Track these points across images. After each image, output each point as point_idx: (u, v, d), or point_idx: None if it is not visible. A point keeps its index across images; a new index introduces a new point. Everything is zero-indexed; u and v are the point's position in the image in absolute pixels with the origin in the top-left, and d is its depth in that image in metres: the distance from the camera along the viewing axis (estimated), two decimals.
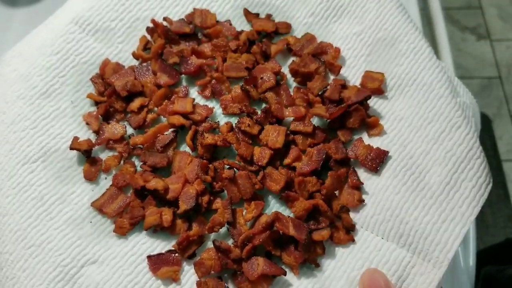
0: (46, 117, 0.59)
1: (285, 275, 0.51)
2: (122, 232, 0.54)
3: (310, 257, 0.53)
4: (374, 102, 0.63)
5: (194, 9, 0.67)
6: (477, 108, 0.72)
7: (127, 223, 0.54)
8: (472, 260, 0.74)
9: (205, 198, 0.55)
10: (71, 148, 0.57)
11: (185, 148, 0.59)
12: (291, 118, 0.61)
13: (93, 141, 0.59)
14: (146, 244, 0.54)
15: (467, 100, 0.67)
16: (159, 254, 0.53)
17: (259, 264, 0.52)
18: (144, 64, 0.63)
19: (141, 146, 0.59)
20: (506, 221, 1.59)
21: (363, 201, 0.57)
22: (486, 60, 1.92)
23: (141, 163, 0.57)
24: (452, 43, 0.96)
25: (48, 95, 0.60)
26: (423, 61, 0.64)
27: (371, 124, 0.61)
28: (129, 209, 0.55)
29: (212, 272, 0.52)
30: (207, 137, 0.57)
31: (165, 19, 0.66)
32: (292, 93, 0.63)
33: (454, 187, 0.56)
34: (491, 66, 1.90)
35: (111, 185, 0.57)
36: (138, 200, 0.55)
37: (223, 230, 0.55)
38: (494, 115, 1.78)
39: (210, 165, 0.57)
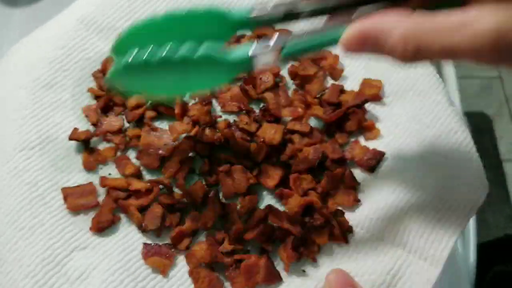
0: (46, 107, 0.59)
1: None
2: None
3: (306, 252, 0.53)
4: (371, 108, 0.63)
5: None
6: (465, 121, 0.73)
7: None
8: (472, 258, 0.72)
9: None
10: (70, 139, 0.57)
11: None
12: (289, 118, 0.61)
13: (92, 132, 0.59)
14: (139, 235, 0.53)
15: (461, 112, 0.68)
16: (156, 244, 0.53)
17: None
18: None
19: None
20: (506, 221, 1.55)
21: (359, 200, 0.56)
22: None
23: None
24: None
25: (50, 86, 0.61)
26: (421, 69, 0.65)
27: (367, 127, 0.61)
28: None
29: (203, 263, 0.52)
30: (207, 133, 0.58)
31: None
32: (290, 95, 0.63)
33: (450, 190, 0.56)
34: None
35: None
36: None
37: (216, 225, 0.54)
38: (494, 115, 1.75)
39: (205, 159, 0.57)
